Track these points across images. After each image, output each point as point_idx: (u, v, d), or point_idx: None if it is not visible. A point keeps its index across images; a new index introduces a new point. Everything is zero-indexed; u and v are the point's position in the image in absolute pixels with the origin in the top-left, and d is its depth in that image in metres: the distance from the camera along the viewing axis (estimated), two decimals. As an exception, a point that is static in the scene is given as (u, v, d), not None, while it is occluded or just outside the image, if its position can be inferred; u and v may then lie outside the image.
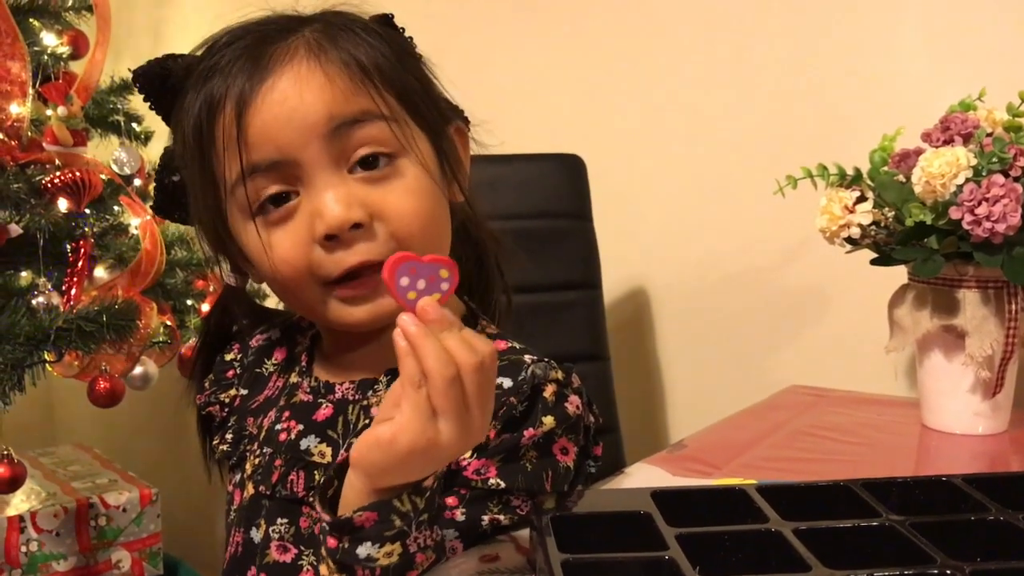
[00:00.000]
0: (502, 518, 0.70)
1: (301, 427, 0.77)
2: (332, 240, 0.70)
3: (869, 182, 1.02)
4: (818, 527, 0.62)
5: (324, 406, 0.78)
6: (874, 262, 1.01)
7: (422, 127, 0.75)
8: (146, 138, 1.63)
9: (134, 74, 0.78)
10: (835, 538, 0.62)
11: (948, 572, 0.55)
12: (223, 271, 0.86)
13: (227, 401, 0.87)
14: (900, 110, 1.16)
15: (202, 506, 2.07)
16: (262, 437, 0.80)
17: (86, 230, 1.34)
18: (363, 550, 0.60)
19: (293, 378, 0.84)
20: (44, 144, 1.36)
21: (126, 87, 1.59)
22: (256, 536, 0.77)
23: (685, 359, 1.48)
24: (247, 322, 0.92)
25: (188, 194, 0.80)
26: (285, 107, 0.70)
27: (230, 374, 0.88)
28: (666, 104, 1.45)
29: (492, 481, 0.70)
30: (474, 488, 0.70)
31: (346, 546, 0.60)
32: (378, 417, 0.60)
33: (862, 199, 1.00)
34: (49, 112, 1.38)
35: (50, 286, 1.30)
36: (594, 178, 1.39)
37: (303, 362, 0.84)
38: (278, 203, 0.72)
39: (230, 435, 0.84)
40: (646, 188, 1.47)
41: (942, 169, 0.91)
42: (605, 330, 1.39)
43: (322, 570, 0.62)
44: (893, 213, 0.99)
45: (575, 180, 1.38)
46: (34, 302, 1.26)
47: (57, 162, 1.35)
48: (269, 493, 0.76)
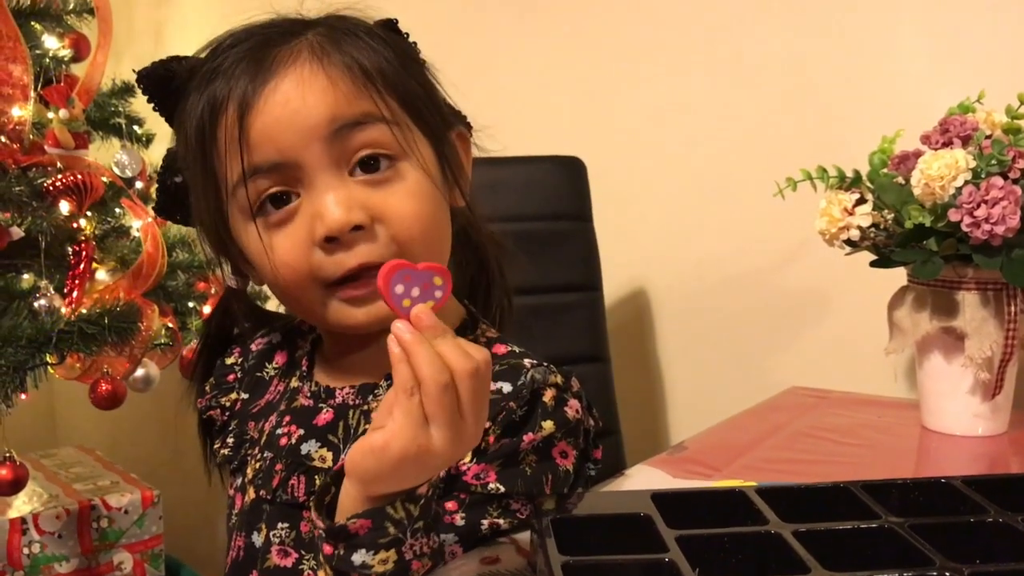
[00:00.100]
0: (502, 522, 0.70)
1: (302, 432, 0.78)
2: (332, 242, 0.70)
3: (868, 184, 1.02)
4: (817, 529, 0.62)
5: (325, 411, 0.78)
6: (873, 264, 1.01)
7: (424, 131, 0.75)
8: (147, 140, 1.63)
9: (138, 75, 0.78)
10: (834, 540, 0.62)
11: (947, 574, 0.55)
12: (224, 273, 0.86)
13: (228, 405, 0.87)
14: (899, 112, 1.16)
15: (204, 508, 2.07)
16: (263, 441, 0.80)
17: (87, 233, 1.34)
18: (358, 557, 0.60)
19: (294, 382, 0.84)
20: (46, 147, 1.36)
21: (127, 90, 1.60)
22: (257, 540, 0.77)
23: (685, 360, 1.48)
24: (248, 325, 0.92)
25: (190, 195, 0.80)
26: (287, 109, 0.70)
27: (231, 378, 0.89)
28: (666, 105, 1.45)
29: (492, 485, 0.70)
30: (474, 493, 0.70)
31: (341, 553, 0.60)
32: (373, 424, 0.60)
33: (861, 201, 1.00)
34: (51, 115, 1.39)
35: (52, 289, 1.30)
36: (594, 180, 1.39)
37: (304, 366, 0.84)
38: (278, 204, 0.72)
39: (231, 439, 0.84)
40: (646, 190, 1.48)
41: (941, 171, 0.91)
42: (605, 332, 1.39)
43: (321, 575, 0.63)
44: (892, 215, 0.99)
45: (575, 182, 1.38)
46: (36, 305, 1.27)
47: (59, 165, 1.36)
48: (270, 498, 0.77)
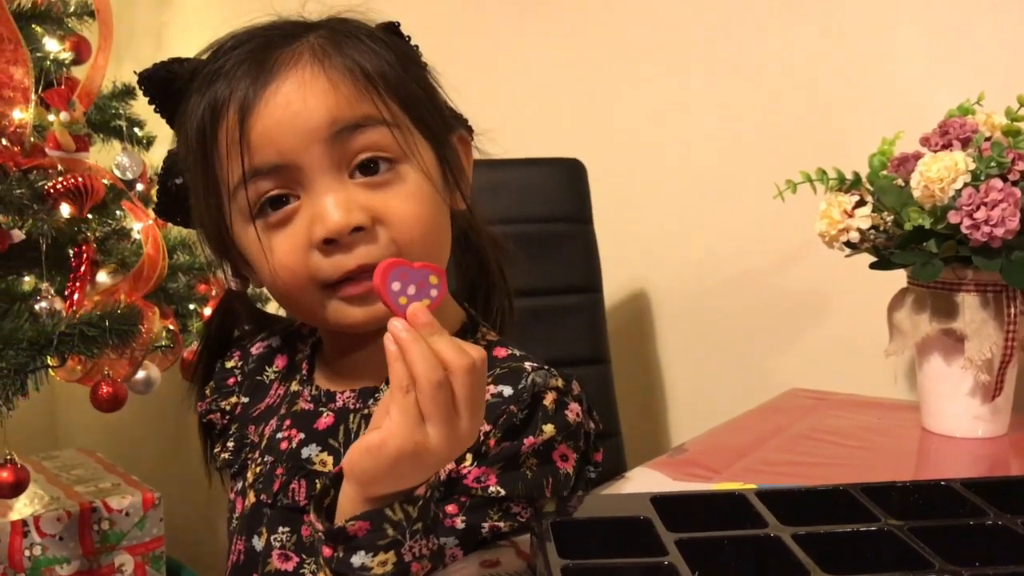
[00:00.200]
0: (502, 525, 0.70)
1: (302, 436, 0.78)
2: (331, 244, 0.70)
3: (868, 186, 1.02)
4: (817, 532, 0.62)
5: (325, 415, 0.78)
6: (873, 266, 1.01)
7: (425, 135, 0.75)
8: (148, 143, 1.63)
9: (139, 76, 0.78)
10: (834, 543, 0.62)
11: (946, 577, 0.55)
12: (225, 275, 0.86)
13: (228, 409, 0.87)
14: (899, 114, 1.16)
15: (205, 510, 2.08)
16: (263, 445, 0.80)
17: (88, 235, 1.34)
18: (357, 559, 0.60)
19: (294, 386, 0.84)
20: (46, 149, 1.36)
21: (128, 92, 1.60)
22: (258, 544, 0.77)
23: (686, 362, 1.48)
24: (249, 327, 0.92)
25: (191, 197, 0.80)
26: (288, 111, 0.70)
27: (231, 381, 0.88)
28: (666, 107, 1.45)
29: (492, 489, 0.70)
30: (474, 496, 0.70)
31: (340, 555, 0.60)
32: (371, 424, 0.60)
33: (861, 203, 1.00)
34: (51, 117, 1.39)
35: (53, 291, 1.31)
36: (594, 182, 1.39)
37: (304, 370, 0.84)
38: (277, 206, 0.72)
39: (231, 443, 0.84)
40: (646, 192, 1.48)
41: (941, 173, 0.91)
42: (606, 334, 1.39)
43: (321, 578, 0.63)
44: (892, 217, 0.99)
45: (575, 184, 1.38)
46: (37, 307, 1.27)
47: (59, 167, 1.36)
48: (270, 502, 0.77)
